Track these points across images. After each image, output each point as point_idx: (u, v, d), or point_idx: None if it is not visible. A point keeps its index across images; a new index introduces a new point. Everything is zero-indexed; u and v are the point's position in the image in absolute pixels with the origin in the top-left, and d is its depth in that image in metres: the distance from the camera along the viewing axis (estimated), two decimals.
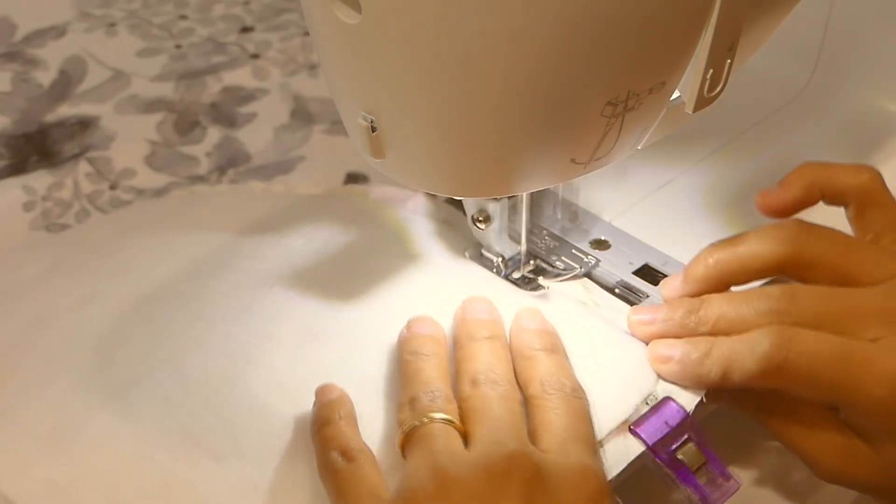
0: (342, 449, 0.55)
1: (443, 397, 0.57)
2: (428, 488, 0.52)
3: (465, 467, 0.53)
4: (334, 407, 0.57)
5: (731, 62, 0.53)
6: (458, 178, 0.55)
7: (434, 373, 0.58)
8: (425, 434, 0.55)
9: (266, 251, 0.66)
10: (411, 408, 0.56)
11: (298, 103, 0.88)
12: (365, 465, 0.55)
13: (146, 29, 0.95)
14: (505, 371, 0.58)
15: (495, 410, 0.55)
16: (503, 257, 0.64)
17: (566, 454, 0.54)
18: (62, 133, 0.85)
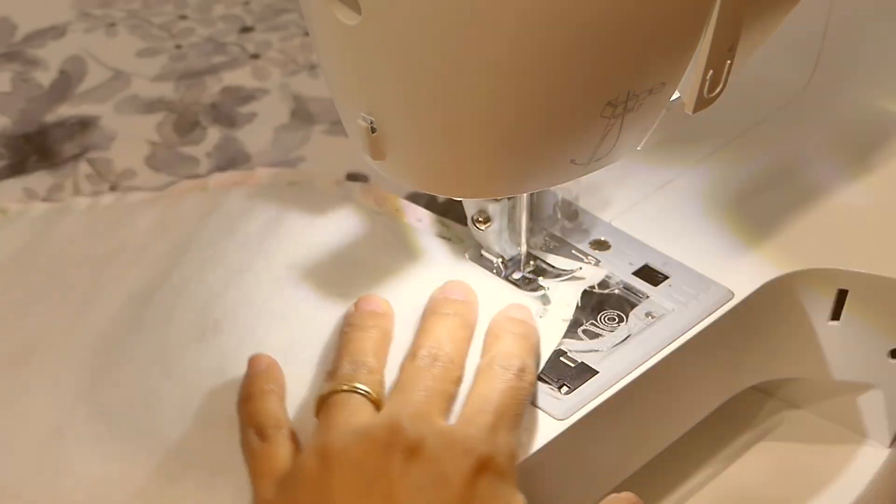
0: (257, 427, 0.56)
1: (366, 368, 0.57)
2: (312, 464, 0.53)
3: (350, 438, 0.53)
4: (260, 379, 0.58)
5: (730, 63, 0.53)
6: (458, 179, 0.55)
7: (365, 344, 0.58)
8: (332, 403, 0.55)
9: (264, 250, 0.66)
10: (332, 376, 0.57)
11: (298, 103, 0.88)
12: (277, 444, 0.55)
13: (146, 29, 0.95)
14: (451, 350, 0.58)
15: (416, 385, 0.56)
16: (503, 258, 0.64)
17: (469, 424, 0.54)
18: (62, 133, 0.85)
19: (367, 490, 0.51)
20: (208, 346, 0.61)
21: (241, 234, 0.67)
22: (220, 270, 0.65)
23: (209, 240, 0.67)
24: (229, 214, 0.69)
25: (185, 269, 0.65)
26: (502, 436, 0.54)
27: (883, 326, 0.65)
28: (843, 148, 0.72)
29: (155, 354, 0.61)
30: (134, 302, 0.64)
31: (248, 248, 0.66)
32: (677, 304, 0.63)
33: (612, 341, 0.61)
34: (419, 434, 0.53)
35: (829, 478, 0.67)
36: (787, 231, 0.67)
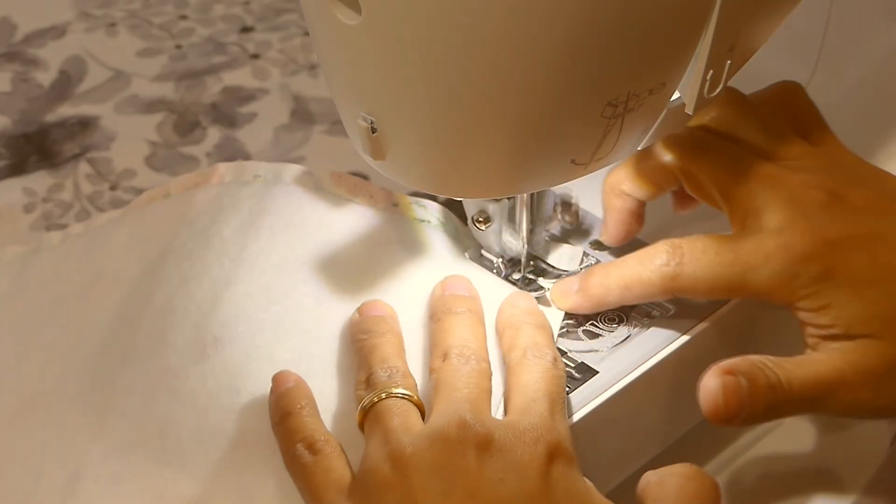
0: (307, 442, 0.55)
1: (400, 373, 0.57)
2: (386, 471, 0.52)
3: (420, 441, 0.53)
4: (293, 397, 0.57)
5: (731, 63, 0.53)
6: (457, 180, 0.55)
7: (390, 350, 0.58)
8: (381, 410, 0.55)
9: (246, 258, 0.65)
10: (368, 385, 0.56)
11: (298, 103, 0.88)
12: (331, 457, 0.55)
13: (146, 29, 0.95)
14: (477, 347, 0.58)
15: (458, 384, 0.56)
16: (503, 258, 0.64)
17: (527, 414, 0.54)
18: (62, 133, 0.86)
19: (449, 489, 0.51)
20: (212, 365, 0.60)
21: (217, 242, 0.65)
22: (204, 284, 0.63)
23: (184, 253, 0.64)
24: (199, 221, 0.66)
25: (166, 288, 0.63)
26: (559, 421, 0.55)
27: None
28: None
29: (157, 380, 0.59)
30: (123, 330, 0.62)
31: (228, 256, 0.64)
32: (677, 304, 0.63)
33: (612, 341, 0.61)
34: (487, 428, 0.53)
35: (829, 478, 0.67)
36: None
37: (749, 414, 0.56)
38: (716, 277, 0.58)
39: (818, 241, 0.57)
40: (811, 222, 0.57)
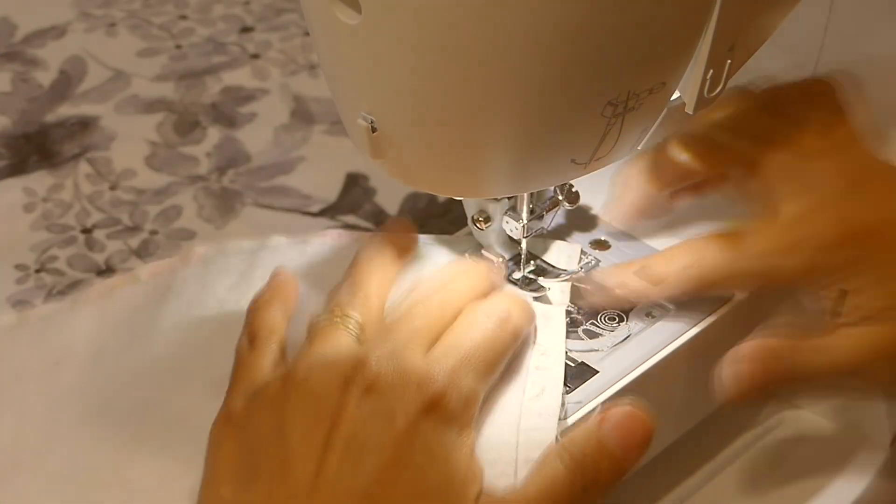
0: (252, 334, 0.56)
1: (363, 307, 0.56)
2: (275, 386, 0.53)
3: (316, 367, 0.53)
4: (271, 290, 0.58)
5: (731, 62, 0.53)
6: (457, 179, 0.55)
7: (369, 282, 0.57)
8: (317, 330, 0.55)
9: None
10: (326, 306, 0.56)
11: (298, 103, 0.88)
12: (263, 354, 0.55)
13: (146, 29, 0.95)
14: (443, 296, 0.56)
15: (403, 319, 0.55)
16: (503, 258, 0.64)
17: (432, 364, 0.53)
18: (62, 133, 0.86)
19: (315, 418, 0.51)
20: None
21: (213, 300, 0.63)
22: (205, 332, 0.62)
23: (179, 316, 0.63)
24: (187, 289, 0.65)
25: (166, 348, 0.62)
26: (464, 380, 0.53)
27: None
28: None
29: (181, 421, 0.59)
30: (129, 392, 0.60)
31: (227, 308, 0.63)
32: (677, 304, 0.63)
33: (612, 341, 0.61)
34: (379, 370, 0.52)
35: (829, 478, 0.67)
36: None
37: (766, 397, 0.57)
38: (741, 271, 0.58)
39: (843, 228, 0.57)
40: (835, 210, 0.58)
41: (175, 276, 0.65)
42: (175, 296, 0.64)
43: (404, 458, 0.51)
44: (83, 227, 0.78)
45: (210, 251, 0.66)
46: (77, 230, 0.78)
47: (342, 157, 0.83)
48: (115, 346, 0.63)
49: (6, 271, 0.75)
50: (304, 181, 0.82)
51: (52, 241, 0.77)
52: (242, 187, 0.81)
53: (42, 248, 0.77)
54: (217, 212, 0.80)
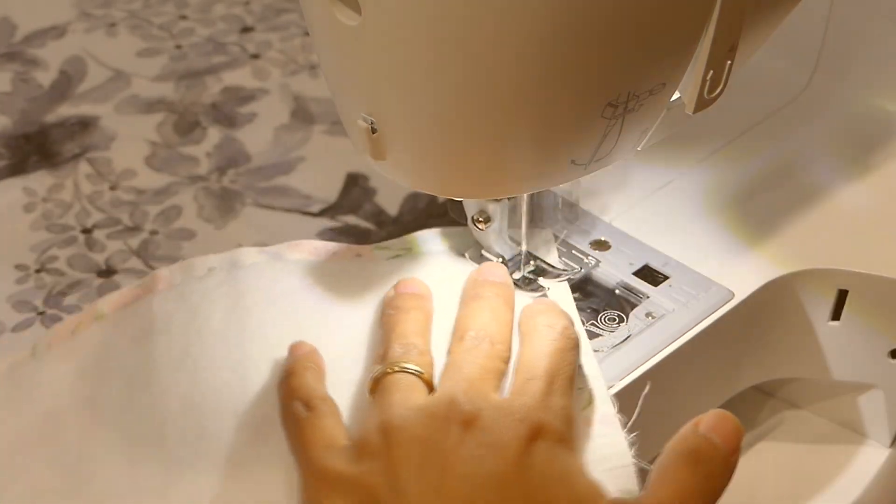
0: (304, 399, 0.56)
1: (417, 350, 0.57)
2: (374, 439, 0.53)
3: (410, 415, 0.54)
4: (301, 360, 0.58)
5: (731, 63, 0.53)
6: (458, 180, 0.55)
7: (412, 326, 0.59)
8: (388, 383, 0.56)
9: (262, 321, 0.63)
10: (383, 358, 0.57)
11: (298, 103, 0.88)
12: (325, 415, 0.56)
13: (146, 29, 0.95)
14: (498, 331, 0.58)
15: (464, 364, 0.56)
16: (503, 258, 0.64)
17: (521, 394, 0.54)
18: (62, 133, 0.86)
19: (425, 462, 0.52)
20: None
21: (210, 334, 0.60)
22: (224, 374, 0.59)
23: (176, 356, 0.60)
24: (174, 324, 0.61)
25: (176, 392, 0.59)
26: (556, 400, 0.55)
27: (883, 326, 0.65)
28: (843, 148, 0.72)
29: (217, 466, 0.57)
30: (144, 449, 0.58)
31: (230, 342, 0.60)
32: (677, 305, 0.63)
33: (612, 341, 0.61)
34: (475, 407, 0.53)
35: (829, 478, 0.67)
36: (787, 231, 0.67)
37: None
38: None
39: None
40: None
41: (144, 308, 0.62)
42: (161, 331, 0.61)
43: (524, 486, 0.51)
44: (83, 227, 0.78)
45: (175, 275, 0.63)
46: (77, 230, 0.78)
47: (342, 157, 0.83)
48: (109, 397, 0.59)
49: (6, 271, 0.75)
50: (304, 181, 0.82)
51: (52, 241, 0.77)
52: (242, 187, 0.81)
53: (42, 248, 0.77)
54: (217, 212, 0.80)
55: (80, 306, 0.73)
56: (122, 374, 0.60)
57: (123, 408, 0.59)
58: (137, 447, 0.57)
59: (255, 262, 0.64)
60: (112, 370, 0.60)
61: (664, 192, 0.70)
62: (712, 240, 0.66)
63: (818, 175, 0.71)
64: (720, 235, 0.66)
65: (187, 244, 0.77)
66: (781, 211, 0.68)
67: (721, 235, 0.66)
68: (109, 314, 0.63)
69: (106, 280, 0.75)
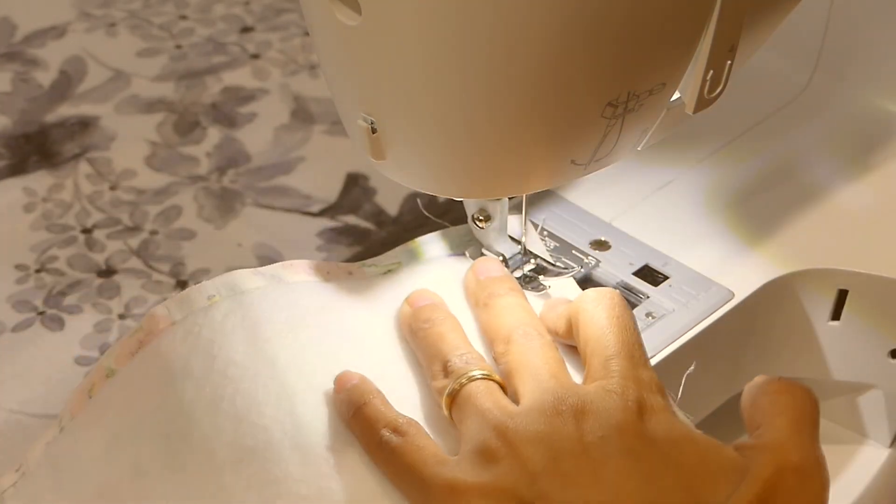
0: (392, 426, 0.55)
1: (475, 357, 0.57)
2: (493, 443, 0.53)
3: (520, 418, 0.54)
4: (363, 390, 0.57)
5: (731, 63, 0.53)
6: (458, 179, 0.55)
7: (456, 335, 0.58)
8: (469, 394, 0.55)
9: (288, 349, 0.62)
10: (446, 372, 0.57)
11: (298, 103, 0.88)
12: (419, 436, 0.55)
13: (146, 29, 0.95)
14: (535, 323, 0.59)
15: (533, 362, 0.56)
16: (503, 257, 0.64)
17: (609, 374, 0.55)
18: (62, 133, 0.86)
19: (557, 455, 0.52)
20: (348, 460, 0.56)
21: (236, 369, 0.58)
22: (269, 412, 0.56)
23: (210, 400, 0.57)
24: (194, 368, 0.58)
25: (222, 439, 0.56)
26: (643, 373, 0.55)
27: (883, 326, 0.65)
28: (843, 148, 0.72)
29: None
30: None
31: (263, 376, 0.58)
32: (677, 304, 0.63)
33: None
34: (579, 397, 0.54)
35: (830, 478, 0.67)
36: (787, 231, 0.67)
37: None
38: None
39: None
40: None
41: (152, 354, 0.59)
42: (183, 377, 0.58)
43: (657, 454, 0.52)
44: (83, 227, 0.78)
45: (173, 310, 0.60)
46: (77, 230, 0.78)
47: (342, 157, 0.83)
48: (154, 459, 0.57)
49: (6, 271, 0.75)
50: (304, 181, 0.82)
51: (52, 241, 0.77)
52: (242, 187, 0.81)
53: (42, 248, 0.77)
54: (217, 212, 0.80)
55: (80, 307, 0.73)
56: (157, 432, 0.57)
57: (172, 467, 0.56)
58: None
59: (257, 287, 0.61)
60: (145, 429, 0.58)
61: (664, 192, 0.70)
62: (712, 240, 0.66)
63: (818, 175, 0.71)
64: (720, 235, 0.66)
65: (187, 244, 0.77)
66: (781, 211, 0.68)
67: (721, 235, 0.66)
68: (120, 369, 0.60)
69: (106, 280, 0.75)
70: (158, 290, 0.74)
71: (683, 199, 0.69)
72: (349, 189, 0.81)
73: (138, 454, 0.57)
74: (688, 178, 0.70)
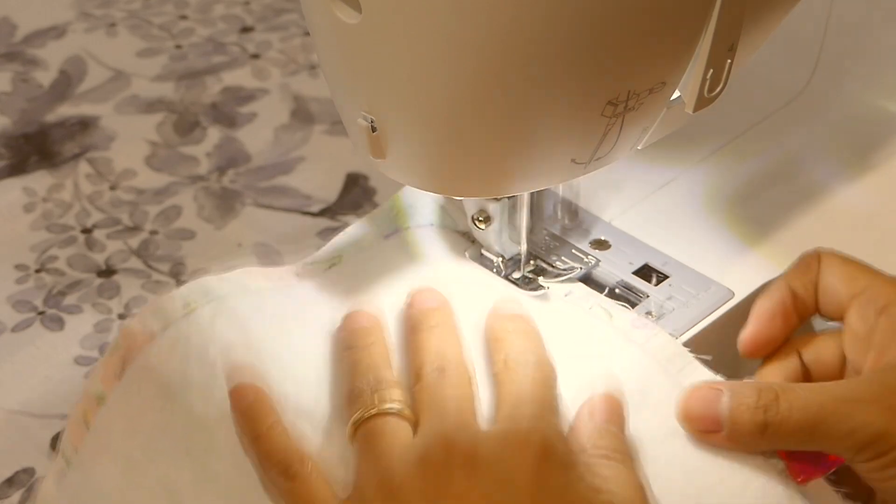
0: (281, 466, 0.54)
1: (386, 384, 0.56)
2: (374, 496, 0.52)
3: (407, 469, 0.52)
4: (258, 415, 0.56)
5: (731, 62, 0.53)
6: (458, 179, 0.55)
7: (374, 360, 0.57)
8: (371, 430, 0.54)
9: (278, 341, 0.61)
10: (354, 401, 0.55)
11: (298, 103, 0.88)
12: (308, 481, 0.54)
13: (146, 29, 0.95)
14: (453, 355, 0.57)
15: (438, 398, 0.55)
16: (503, 257, 0.64)
17: (512, 420, 0.53)
18: (62, 133, 0.86)
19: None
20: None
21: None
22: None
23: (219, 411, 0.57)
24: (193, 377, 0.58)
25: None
26: (548, 421, 0.54)
27: None
28: (843, 148, 0.72)
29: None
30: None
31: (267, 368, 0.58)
32: (677, 304, 0.63)
33: None
34: (472, 443, 0.52)
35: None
36: (787, 231, 0.67)
37: (732, 432, 0.55)
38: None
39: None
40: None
41: (139, 373, 0.59)
42: (183, 390, 0.58)
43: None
44: (83, 227, 0.78)
45: (147, 322, 0.59)
46: (77, 230, 0.78)
47: (342, 157, 0.83)
48: (180, 477, 0.57)
49: (6, 271, 0.75)
50: (304, 181, 0.82)
51: (52, 241, 0.77)
52: (242, 187, 0.81)
53: (42, 248, 0.77)
54: (217, 212, 0.80)
55: (80, 306, 0.73)
56: (176, 449, 0.57)
57: (204, 479, 0.56)
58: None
59: (228, 293, 0.61)
60: (160, 448, 0.57)
61: (664, 191, 0.70)
62: (712, 239, 0.66)
63: (818, 175, 0.71)
64: (720, 235, 0.66)
65: (187, 244, 0.77)
66: (781, 211, 0.68)
67: (721, 235, 0.66)
68: (109, 394, 0.59)
69: (106, 280, 0.75)
70: (158, 290, 0.74)
71: (683, 198, 0.69)
72: (349, 189, 0.81)
73: (163, 474, 0.56)
74: (688, 178, 0.70)
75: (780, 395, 0.54)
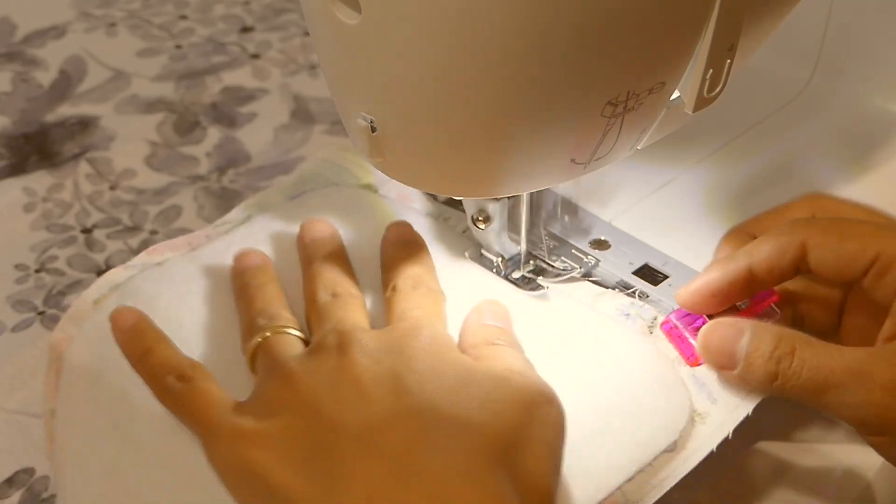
0: (176, 372, 0.56)
1: (282, 317, 0.59)
2: (274, 388, 0.54)
3: (303, 358, 0.55)
4: (144, 332, 0.58)
5: (731, 62, 0.53)
6: (457, 179, 0.55)
7: (268, 298, 0.60)
8: (267, 346, 0.57)
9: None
10: (252, 331, 0.58)
11: (298, 103, 0.88)
12: (204, 380, 0.56)
13: (146, 29, 0.95)
14: (344, 282, 0.60)
15: (331, 315, 0.58)
16: (503, 257, 0.64)
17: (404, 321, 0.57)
18: (62, 133, 0.86)
19: (336, 382, 0.53)
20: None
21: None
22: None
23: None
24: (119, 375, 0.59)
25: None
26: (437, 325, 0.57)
27: None
28: (843, 148, 0.72)
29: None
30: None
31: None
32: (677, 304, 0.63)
33: None
34: (364, 337, 0.55)
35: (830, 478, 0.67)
36: None
37: (744, 373, 0.56)
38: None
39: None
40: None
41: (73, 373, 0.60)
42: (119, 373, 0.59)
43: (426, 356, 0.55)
44: (83, 227, 0.78)
45: (69, 329, 0.61)
46: (77, 230, 0.78)
47: None
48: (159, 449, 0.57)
49: (6, 271, 0.75)
50: None
51: (52, 241, 0.77)
52: (242, 187, 0.81)
53: (42, 248, 0.77)
54: (217, 212, 0.80)
55: None
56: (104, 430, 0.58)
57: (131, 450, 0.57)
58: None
59: (133, 276, 0.63)
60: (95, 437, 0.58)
61: (664, 191, 0.70)
62: (712, 239, 0.66)
63: (818, 175, 0.71)
64: (720, 235, 0.66)
65: None
66: None
67: (721, 235, 0.66)
68: (56, 405, 0.60)
69: None
70: None
71: (683, 198, 0.69)
72: None
73: (100, 456, 0.57)
74: (688, 178, 0.70)
75: (796, 350, 0.55)
